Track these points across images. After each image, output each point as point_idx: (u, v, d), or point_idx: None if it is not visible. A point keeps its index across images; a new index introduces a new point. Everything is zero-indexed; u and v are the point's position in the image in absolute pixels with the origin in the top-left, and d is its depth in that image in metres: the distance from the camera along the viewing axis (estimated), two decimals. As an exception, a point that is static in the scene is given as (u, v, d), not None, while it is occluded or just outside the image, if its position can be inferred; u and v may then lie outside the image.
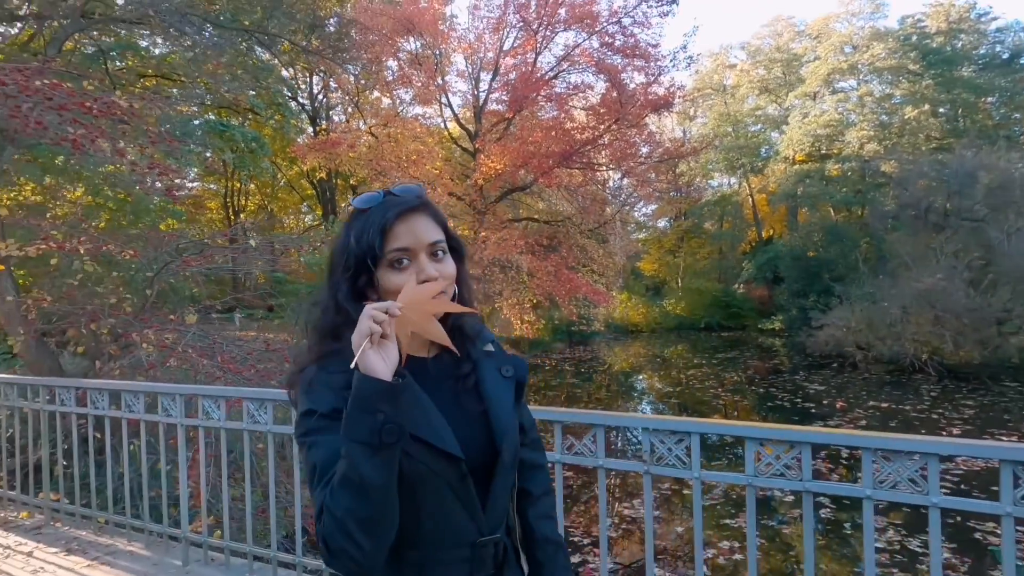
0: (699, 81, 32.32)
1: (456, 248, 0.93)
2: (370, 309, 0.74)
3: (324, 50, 14.53)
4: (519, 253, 17.21)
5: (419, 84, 18.28)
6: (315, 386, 0.83)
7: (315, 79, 21.52)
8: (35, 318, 4.70)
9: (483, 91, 19.20)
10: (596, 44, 17.93)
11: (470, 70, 19.39)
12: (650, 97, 17.27)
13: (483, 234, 17.41)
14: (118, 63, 12.26)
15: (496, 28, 18.24)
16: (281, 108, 14.96)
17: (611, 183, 23.09)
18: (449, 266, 0.89)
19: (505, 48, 18.49)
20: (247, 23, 11.27)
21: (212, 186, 24.63)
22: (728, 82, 33.48)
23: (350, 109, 21.25)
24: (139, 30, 11.10)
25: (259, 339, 5.96)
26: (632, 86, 17.73)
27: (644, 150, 19.25)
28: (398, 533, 0.77)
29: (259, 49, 13.93)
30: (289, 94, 19.33)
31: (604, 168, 19.58)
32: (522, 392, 0.98)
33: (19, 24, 9.30)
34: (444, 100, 19.38)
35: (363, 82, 19.22)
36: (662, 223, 35.04)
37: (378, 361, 0.73)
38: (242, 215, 26.26)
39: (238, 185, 24.74)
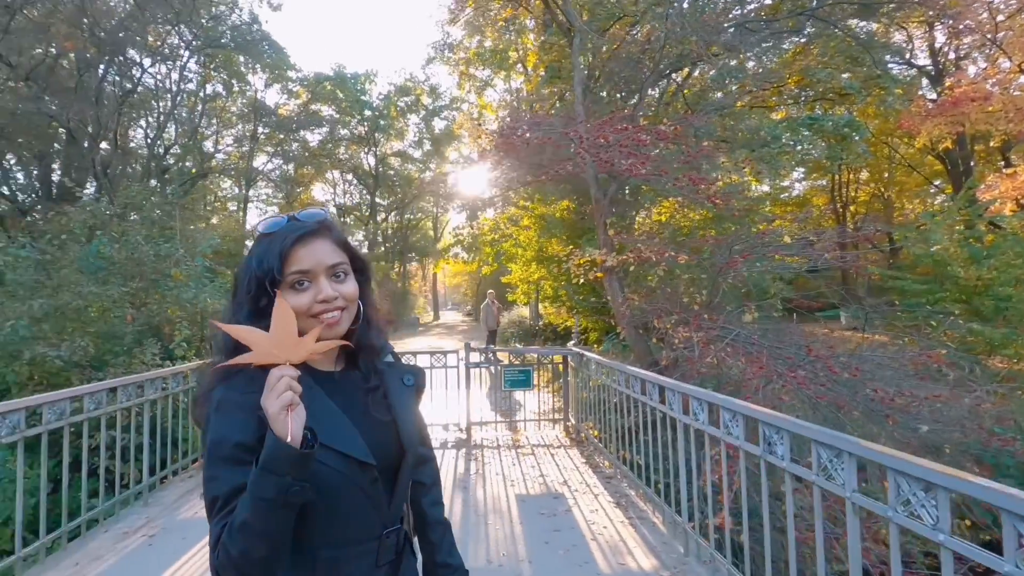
0: None
1: (360, 269, 0.98)
2: (287, 379, 0.77)
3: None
4: None
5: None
6: (227, 407, 0.84)
7: (937, 30, 17.60)
8: (630, 312, 6.07)
9: None
10: None
11: None
12: None
13: None
14: (732, 88, 13.78)
15: None
16: (881, 80, 13.02)
17: None
18: (349, 286, 0.93)
19: None
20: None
21: (822, 182, 24.19)
22: None
23: (989, 51, 16.18)
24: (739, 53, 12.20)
25: (823, 342, 5.43)
26: None
27: None
28: (314, 534, 0.85)
29: (859, 24, 12.65)
30: (895, 61, 16.59)
31: None
32: (420, 397, 1.09)
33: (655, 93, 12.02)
34: None
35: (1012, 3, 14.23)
36: None
37: (295, 428, 0.76)
38: (851, 207, 24.59)
39: (847, 176, 23.26)
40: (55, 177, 13.47)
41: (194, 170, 21.05)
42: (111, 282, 6.13)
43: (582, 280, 6.26)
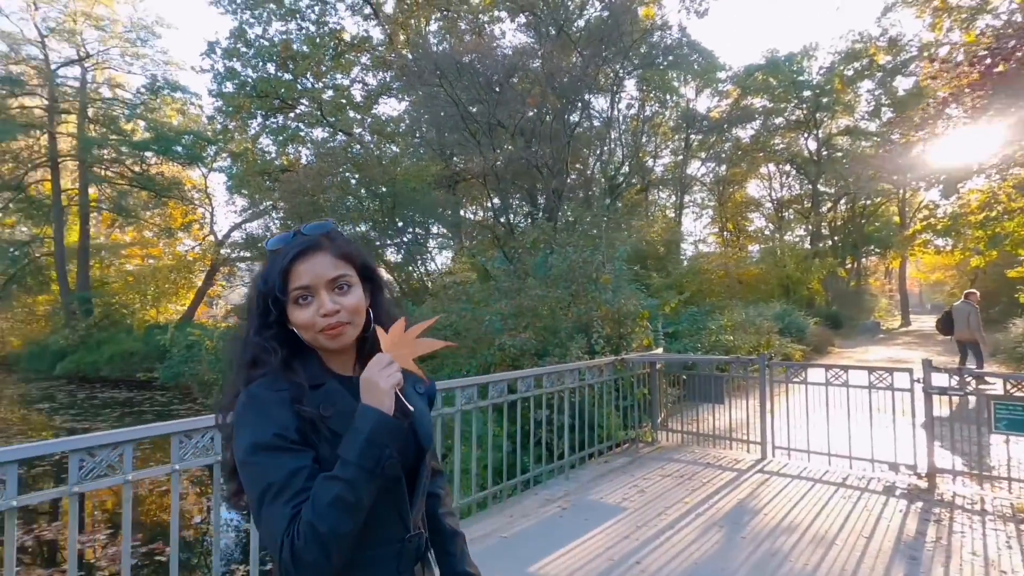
0: None
1: (370, 278, 0.99)
2: (397, 364, 0.87)
3: None
4: None
5: None
6: (261, 403, 0.86)
7: None
8: None
9: None
10: None
11: None
12: None
13: None
14: None
15: None
16: None
17: None
18: (352, 298, 0.93)
19: None
20: None
21: None
22: None
23: None
24: None
25: None
26: None
27: None
28: None
29: None
30: None
31: None
32: (432, 406, 1.17)
33: None
34: None
35: None
36: None
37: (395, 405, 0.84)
38: None
39: None
40: (539, 204, 17.74)
41: (638, 185, 23.59)
42: (559, 285, 7.47)
43: None
